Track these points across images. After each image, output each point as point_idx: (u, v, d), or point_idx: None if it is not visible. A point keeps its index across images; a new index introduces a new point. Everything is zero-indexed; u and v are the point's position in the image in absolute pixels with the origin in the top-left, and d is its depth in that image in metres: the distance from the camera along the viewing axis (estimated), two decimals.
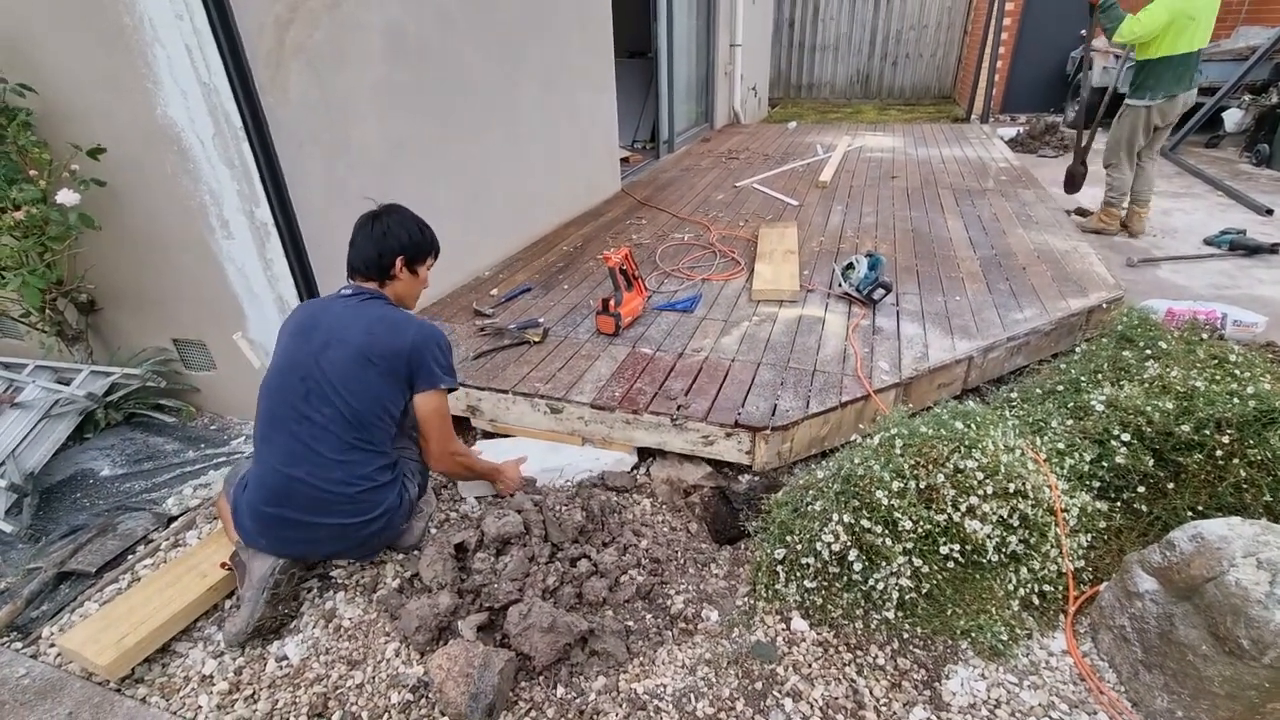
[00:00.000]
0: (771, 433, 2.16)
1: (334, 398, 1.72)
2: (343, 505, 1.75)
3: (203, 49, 2.04)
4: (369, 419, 1.75)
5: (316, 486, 1.72)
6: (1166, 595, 1.46)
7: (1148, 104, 4.20)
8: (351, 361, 1.73)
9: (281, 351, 1.81)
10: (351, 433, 1.74)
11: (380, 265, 1.86)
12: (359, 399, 1.73)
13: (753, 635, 1.73)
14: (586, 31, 4.53)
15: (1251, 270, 3.95)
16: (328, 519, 1.75)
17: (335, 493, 1.73)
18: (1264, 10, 7.76)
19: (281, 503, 1.73)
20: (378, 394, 1.76)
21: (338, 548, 1.85)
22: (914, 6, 11.83)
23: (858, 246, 3.76)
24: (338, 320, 1.78)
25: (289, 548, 1.80)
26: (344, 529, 1.78)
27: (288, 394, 1.74)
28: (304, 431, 1.72)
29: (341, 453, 1.73)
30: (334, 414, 1.72)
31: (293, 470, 1.72)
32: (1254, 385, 1.88)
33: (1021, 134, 7.77)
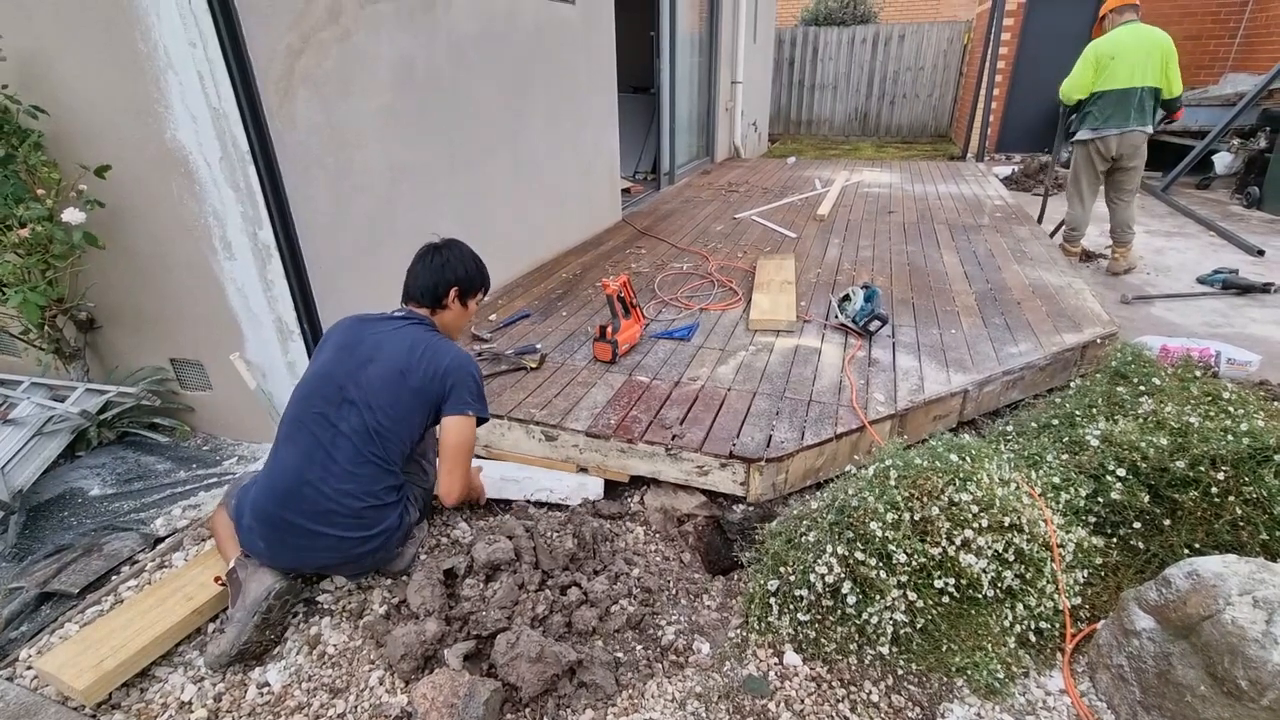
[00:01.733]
0: (766, 464, 2.16)
1: (364, 410, 1.77)
2: (345, 518, 1.76)
3: (214, 75, 2.09)
4: (390, 436, 1.79)
5: (325, 494, 1.74)
6: (1164, 634, 1.44)
7: (1081, 139, 4.44)
8: (389, 378, 1.80)
9: (322, 361, 1.87)
10: (370, 446, 1.77)
11: (435, 294, 1.95)
12: (387, 415, 1.78)
13: (745, 669, 1.70)
14: (591, 67, 4.65)
15: (1244, 309, 3.99)
16: (328, 529, 1.75)
17: (341, 504, 1.75)
18: (1250, 58, 7.99)
19: (288, 505, 1.74)
20: (407, 413, 1.82)
21: (330, 560, 1.84)
22: (911, 49, 12.15)
23: (854, 279, 3.79)
24: (383, 339, 1.86)
25: (284, 553, 1.78)
26: (341, 542, 1.77)
27: (319, 399, 1.79)
28: (325, 436, 1.76)
29: (356, 464, 1.76)
30: (359, 425, 1.76)
31: (307, 472, 1.74)
32: (1248, 422, 1.88)
33: (1016, 173, 7.91)
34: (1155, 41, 4.15)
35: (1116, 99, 4.22)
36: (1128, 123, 4.24)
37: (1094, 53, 4.22)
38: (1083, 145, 4.45)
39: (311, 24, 2.41)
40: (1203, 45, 8.43)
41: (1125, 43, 4.15)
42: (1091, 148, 4.40)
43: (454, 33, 3.17)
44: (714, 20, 7.50)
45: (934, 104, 12.45)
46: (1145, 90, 4.18)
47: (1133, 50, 4.13)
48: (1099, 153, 4.39)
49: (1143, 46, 4.13)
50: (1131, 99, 4.19)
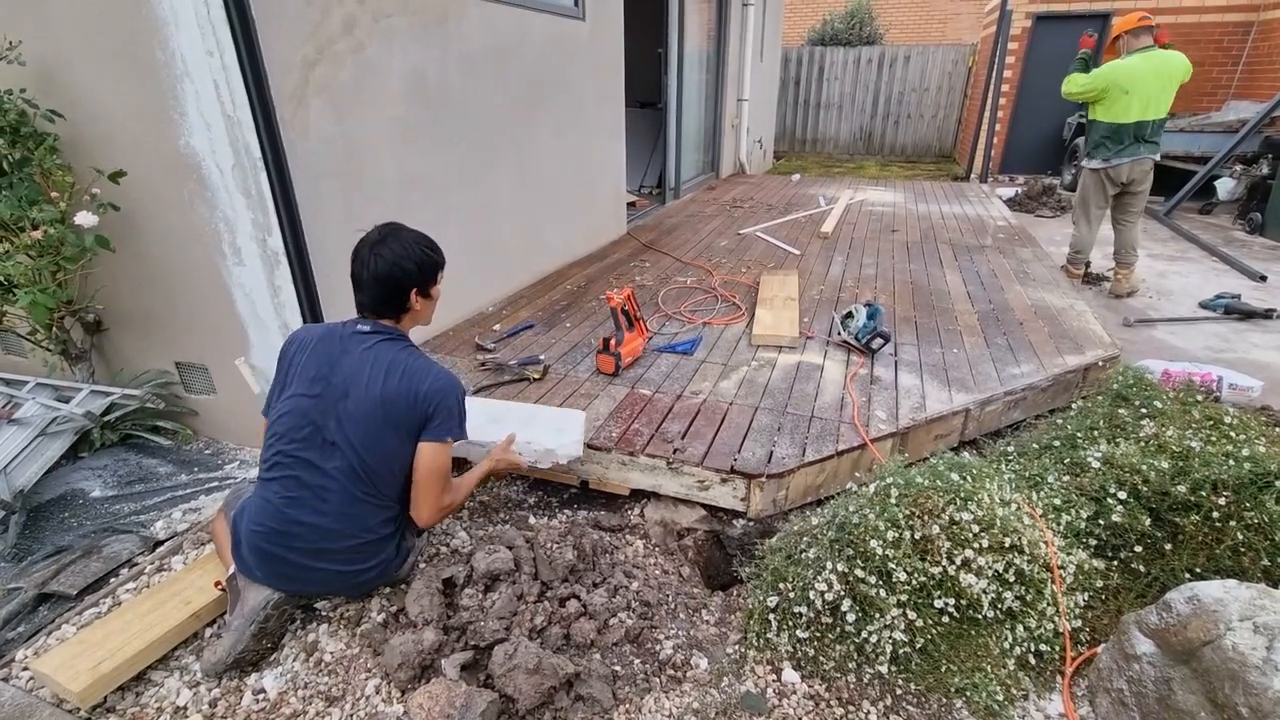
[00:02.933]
0: (767, 480, 2.16)
1: (347, 451, 1.68)
2: (340, 554, 1.75)
3: (230, 84, 2.12)
4: (380, 472, 1.72)
5: (318, 532, 1.70)
6: (1164, 658, 1.44)
7: (1093, 167, 4.44)
8: (369, 413, 1.68)
9: (294, 398, 1.72)
10: (360, 486, 1.71)
11: (394, 303, 1.76)
12: (372, 453, 1.69)
13: (742, 685, 1.69)
14: (599, 82, 4.70)
15: (1246, 334, 3.99)
16: (323, 564, 1.74)
17: (334, 546, 1.73)
18: (1253, 85, 8.06)
19: (279, 543, 1.71)
20: (391, 448, 1.72)
21: (332, 588, 1.86)
22: (916, 70, 12.27)
23: (857, 296, 3.81)
24: (357, 367, 1.71)
25: (284, 584, 1.78)
26: (337, 575, 1.78)
27: (299, 442, 1.70)
28: (312, 479, 1.69)
29: (347, 505, 1.71)
30: (345, 466, 1.68)
31: (296, 514, 1.69)
32: (1249, 448, 1.89)
33: (1020, 194, 7.95)
34: (1172, 73, 4.13)
35: (1120, 132, 4.24)
36: (1139, 151, 4.28)
37: (1107, 81, 4.17)
38: (1093, 172, 4.46)
39: (327, 36, 2.45)
40: (1205, 72, 8.50)
41: (1142, 76, 4.11)
42: (1103, 175, 4.42)
43: (465, 47, 3.21)
44: (721, 38, 7.59)
45: (938, 125, 12.56)
46: (1154, 122, 4.22)
47: (1149, 84, 4.11)
48: (1110, 179, 4.42)
49: (1160, 79, 4.12)
50: (1144, 130, 4.23)
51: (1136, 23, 4.25)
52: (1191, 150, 7.13)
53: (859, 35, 13.48)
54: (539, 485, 2.51)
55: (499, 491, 2.52)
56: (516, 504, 2.46)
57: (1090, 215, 4.63)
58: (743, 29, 7.93)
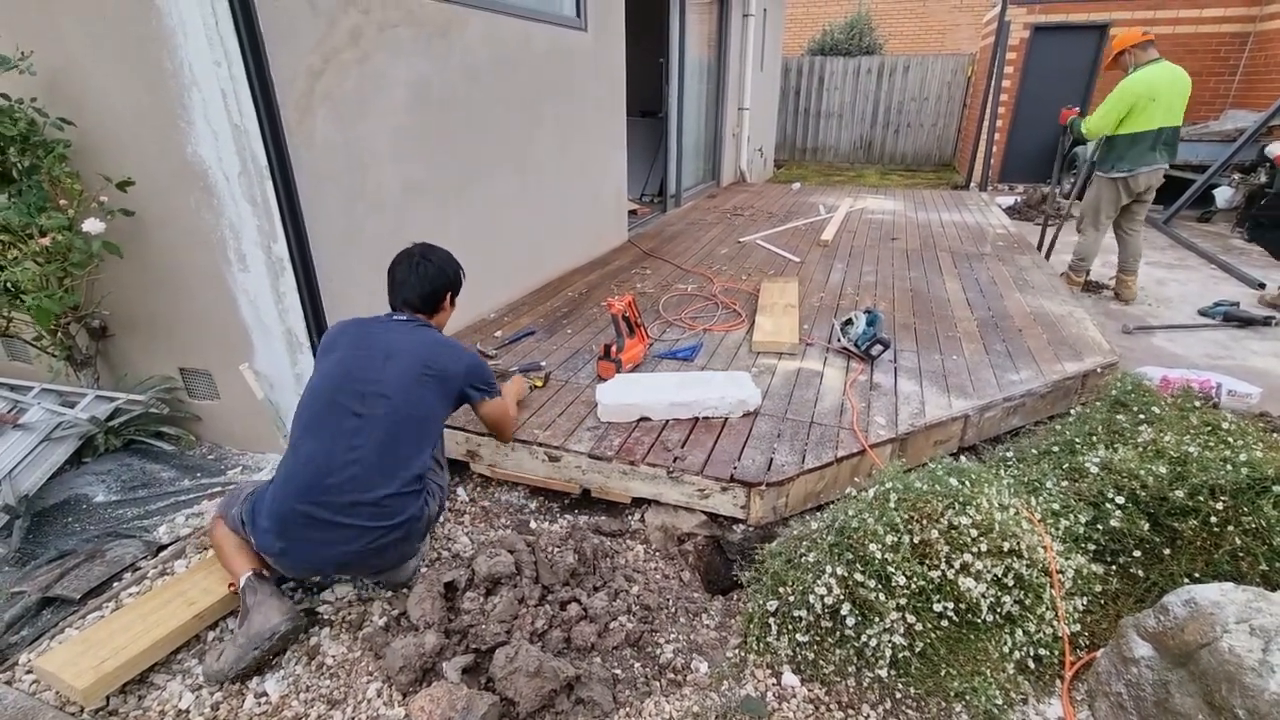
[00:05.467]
0: (767, 488, 2.16)
1: (386, 402, 1.82)
2: (368, 507, 1.76)
3: (237, 93, 2.16)
4: (413, 426, 1.86)
5: (348, 483, 1.75)
6: (1162, 661, 1.44)
7: (1113, 176, 4.45)
8: (412, 371, 1.88)
9: (339, 359, 1.91)
10: (396, 434, 1.82)
11: (433, 301, 2.07)
12: (411, 405, 1.86)
13: (742, 689, 1.69)
14: (601, 92, 4.75)
15: (1245, 341, 4.01)
16: (350, 520, 1.75)
17: (364, 495, 1.76)
18: (1250, 95, 8.11)
19: (309, 497, 1.75)
20: (430, 405, 1.92)
21: (351, 552, 1.79)
22: (915, 80, 12.35)
23: (857, 303, 3.83)
24: (398, 339, 1.94)
25: (303, 550, 1.77)
26: (363, 533, 1.76)
27: (343, 394, 1.83)
28: (350, 426, 1.79)
29: (380, 453, 1.79)
30: (385, 415, 1.81)
31: (330, 462, 1.76)
32: (1247, 453, 1.90)
33: (1019, 203, 7.98)
34: (1184, 84, 4.23)
35: (1145, 140, 4.26)
36: (1157, 160, 4.32)
37: (1133, 94, 4.19)
38: (1111, 181, 4.46)
39: (333, 46, 2.49)
40: (1203, 82, 8.55)
41: (1162, 84, 4.17)
42: (1120, 184, 4.43)
43: (469, 57, 3.25)
44: (722, 48, 7.66)
45: (938, 134, 12.62)
46: (1171, 130, 4.27)
47: (1169, 92, 4.18)
48: (1127, 189, 4.43)
49: (1176, 88, 4.20)
50: (1162, 138, 4.27)
51: (1141, 37, 4.31)
52: (1190, 159, 7.17)
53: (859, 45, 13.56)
54: (540, 491, 2.52)
55: (500, 497, 2.53)
56: (518, 509, 2.47)
57: (1100, 224, 4.64)
58: (743, 39, 8.00)
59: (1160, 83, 4.18)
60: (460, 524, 2.37)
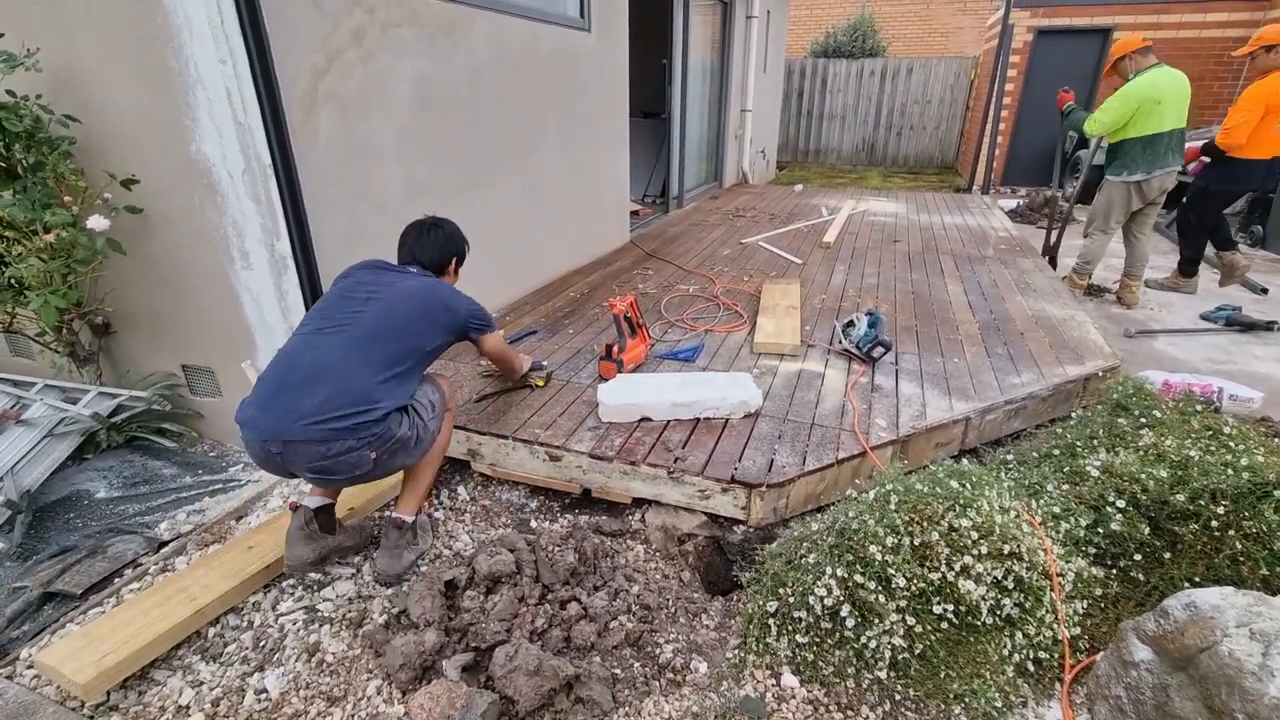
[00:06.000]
0: (768, 490, 2.16)
1: (390, 306, 1.98)
2: (344, 382, 1.82)
3: (241, 92, 2.16)
4: (408, 334, 1.99)
5: (332, 357, 1.85)
6: (1162, 665, 1.44)
7: (1124, 180, 4.44)
8: (417, 294, 2.06)
9: (351, 279, 2.08)
10: (388, 331, 1.94)
11: (440, 264, 2.25)
12: (410, 317, 2.00)
13: (742, 689, 1.69)
14: (604, 92, 4.75)
15: (1247, 346, 4.00)
16: (307, 399, 1.77)
17: (344, 369, 1.84)
18: None
19: (301, 371, 1.83)
20: (428, 324, 2.06)
21: (327, 433, 1.75)
22: (918, 82, 12.35)
23: (859, 305, 3.83)
24: (408, 276, 2.13)
25: (283, 421, 1.75)
26: (316, 425, 1.75)
27: (347, 297, 2.00)
28: (346, 315, 1.94)
29: (368, 343, 1.90)
30: (382, 312, 1.96)
31: (318, 340, 1.88)
32: (1248, 457, 1.90)
33: (1021, 206, 7.98)
34: (1186, 87, 4.25)
35: (1154, 143, 4.27)
36: (1169, 163, 4.32)
37: (1138, 97, 4.20)
38: (1125, 185, 4.44)
39: (337, 45, 2.49)
40: (1205, 86, 8.55)
41: (1166, 87, 4.18)
42: (1133, 188, 4.42)
43: (472, 57, 3.26)
44: (725, 50, 7.66)
45: (940, 136, 12.61)
46: (1180, 131, 4.28)
47: (1173, 94, 4.19)
48: (1140, 193, 4.43)
49: (1180, 90, 4.22)
50: (1172, 141, 4.28)
51: (1141, 43, 4.32)
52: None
53: (862, 47, 13.57)
54: (541, 491, 2.52)
55: (501, 496, 2.53)
56: (518, 508, 2.47)
57: (1109, 228, 4.63)
58: (746, 41, 8.01)
59: (1164, 86, 4.19)
60: (461, 522, 2.37)
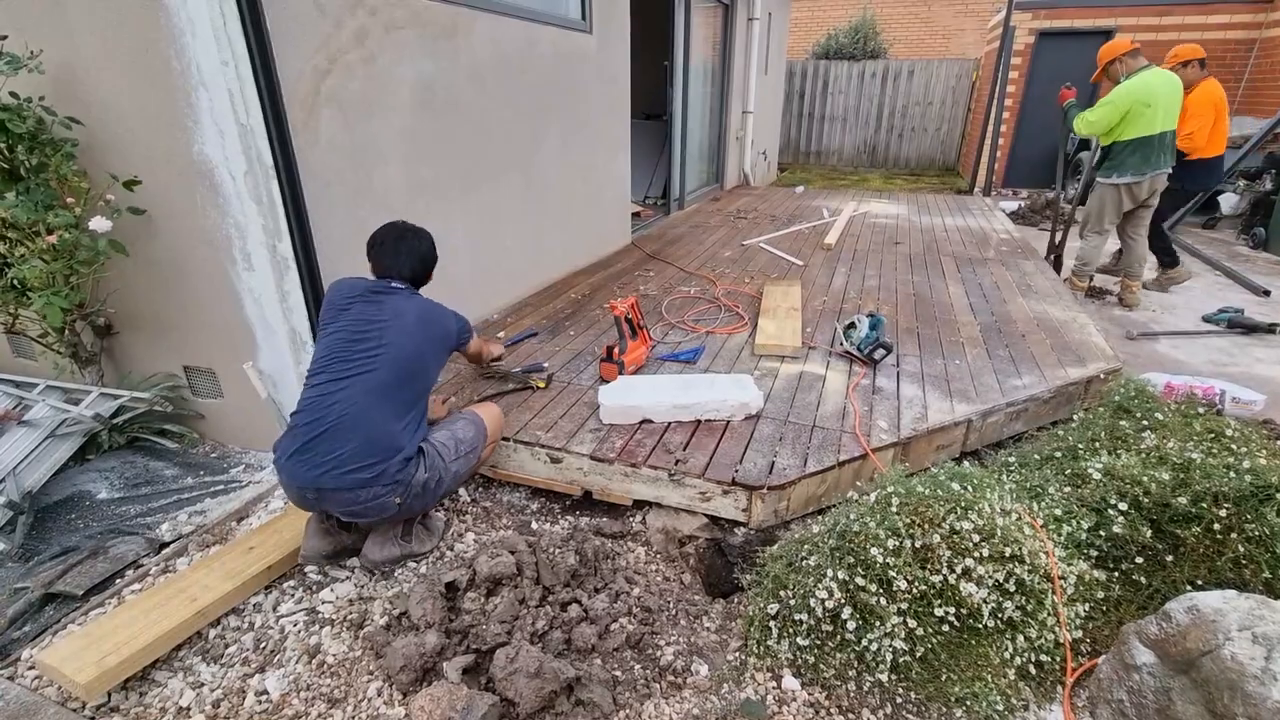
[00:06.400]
0: (768, 492, 2.16)
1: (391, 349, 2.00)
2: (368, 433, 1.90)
3: (244, 93, 2.17)
4: (409, 374, 2.04)
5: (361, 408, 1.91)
6: (1164, 668, 1.44)
7: (1115, 183, 4.45)
8: (420, 321, 2.10)
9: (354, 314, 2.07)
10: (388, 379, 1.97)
11: (422, 276, 2.26)
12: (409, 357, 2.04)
13: (743, 692, 1.69)
14: (605, 94, 4.76)
15: (1250, 349, 4.00)
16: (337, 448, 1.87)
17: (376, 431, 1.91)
18: (1256, 102, 8.09)
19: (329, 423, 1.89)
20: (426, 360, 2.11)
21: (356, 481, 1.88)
22: (920, 84, 12.35)
23: (860, 307, 3.83)
24: (400, 302, 2.11)
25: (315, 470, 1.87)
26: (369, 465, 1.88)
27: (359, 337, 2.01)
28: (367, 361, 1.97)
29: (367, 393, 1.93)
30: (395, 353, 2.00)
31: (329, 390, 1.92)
32: (1250, 460, 1.89)
33: (1023, 208, 7.97)
34: (1177, 88, 4.26)
35: (1145, 146, 4.28)
36: (1161, 165, 4.33)
37: (1130, 99, 4.21)
38: (1115, 188, 4.46)
39: (339, 46, 2.50)
40: None
41: (1158, 89, 4.20)
42: (1125, 190, 4.44)
43: (474, 58, 3.26)
44: (726, 52, 7.67)
45: (942, 138, 12.61)
46: (1171, 133, 4.30)
47: (1165, 97, 4.21)
48: (1131, 195, 4.44)
49: (1172, 93, 4.23)
50: (1164, 142, 4.29)
51: (1129, 45, 4.34)
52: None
53: (863, 49, 13.57)
54: (542, 493, 2.52)
55: (502, 498, 2.53)
56: (519, 510, 2.47)
57: (1102, 230, 4.66)
58: (748, 42, 8.01)
59: (1156, 87, 4.20)
60: (462, 524, 2.37)
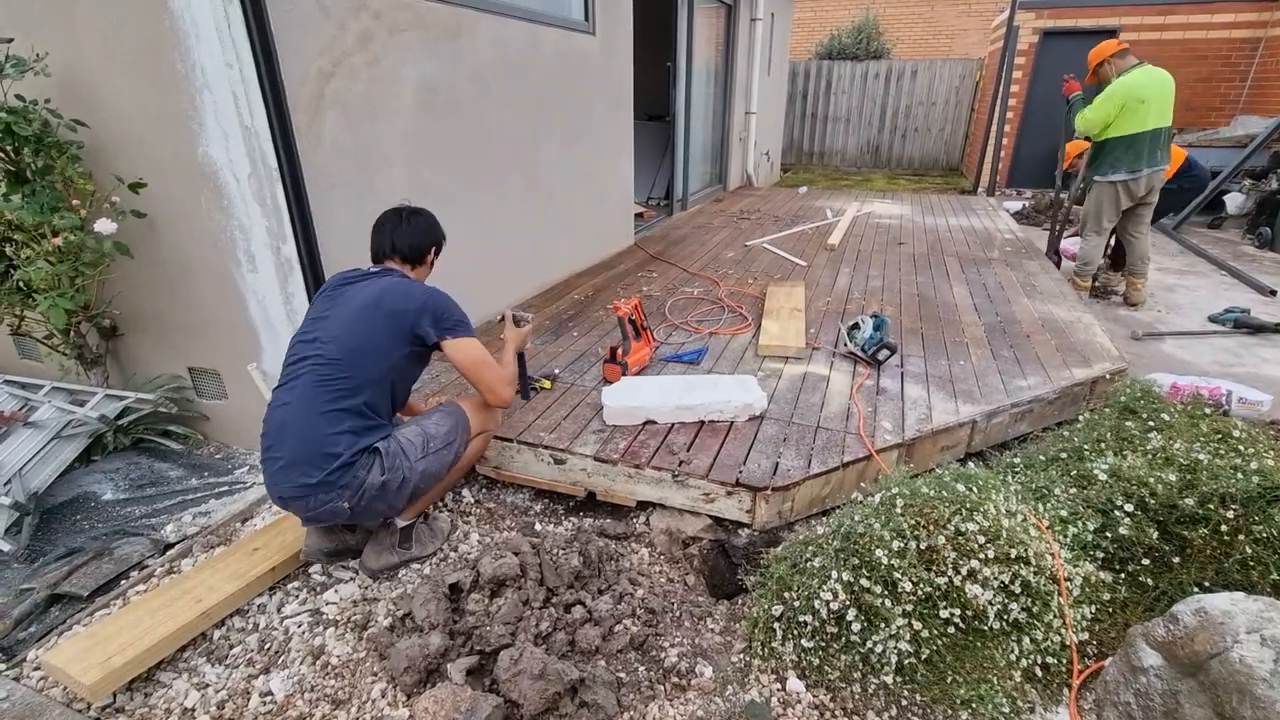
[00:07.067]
0: (772, 493, 2.16)
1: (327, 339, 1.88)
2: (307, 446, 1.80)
3: (248, 95, 2.17)
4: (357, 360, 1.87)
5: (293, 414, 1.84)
6: (1171, 671, 1.43)
7: (1110, 180, 4.45)
8: (359, 310, 1.92)
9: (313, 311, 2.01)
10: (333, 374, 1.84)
11: (420, 252, 2.13)
12: (355, 337, 1.88)
13: (747, 694, 1.69)
14: (608, 95, 4.76)
15: (1256, 349, 3.97)
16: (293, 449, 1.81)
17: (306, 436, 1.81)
18: (1261, 101, 8.06)
19: (273, 434, 1.86)
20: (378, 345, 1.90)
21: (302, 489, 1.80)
22: (923, 84, 12.32)
23: (864, 308, 3.82)
24: (363, 287, 1.99)
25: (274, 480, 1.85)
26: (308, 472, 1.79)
27: (305, 337, 1.93)
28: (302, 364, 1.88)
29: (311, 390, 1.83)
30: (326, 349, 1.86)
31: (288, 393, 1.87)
32: (1257, 461, 1.88)
33: (1027, 207, 7.94)
34: (1168, 85, 4.27)
35: (1138, 142, 4.28)
36: (1156, 162, 4.33)
37: (1124, 96, 4.22)
38: (1111, 185, 4.47)
39: (343, 49, 2.50)
40: (1213, 88, 8.52)
41: (1149, 86, 4.21)
42: (1121, 188, 4.44)
43: (477, 60, 3.27)
44: (729, 53, 7.66)
45: (946, 138, 12.58)
46: (1165, 130, 4.30)
47: (1157, 94, 4.22)
48: (1128, 192, 4.44)
49: (1163, 89, 4.24)
50: (1159, 139, 4.29)
51: (1117, 46, 4.36)
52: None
53: (866, 49, 13.55)
54: (545, 494, 2.52)
55: (505, 499, 2.53)
56: (523, 511, 2.47)
57: (1102, 228, 4.66)
58: (751, 43, 8.01)
59: (1147, 85, 4.21)
60: (466, 525, 2.37)
